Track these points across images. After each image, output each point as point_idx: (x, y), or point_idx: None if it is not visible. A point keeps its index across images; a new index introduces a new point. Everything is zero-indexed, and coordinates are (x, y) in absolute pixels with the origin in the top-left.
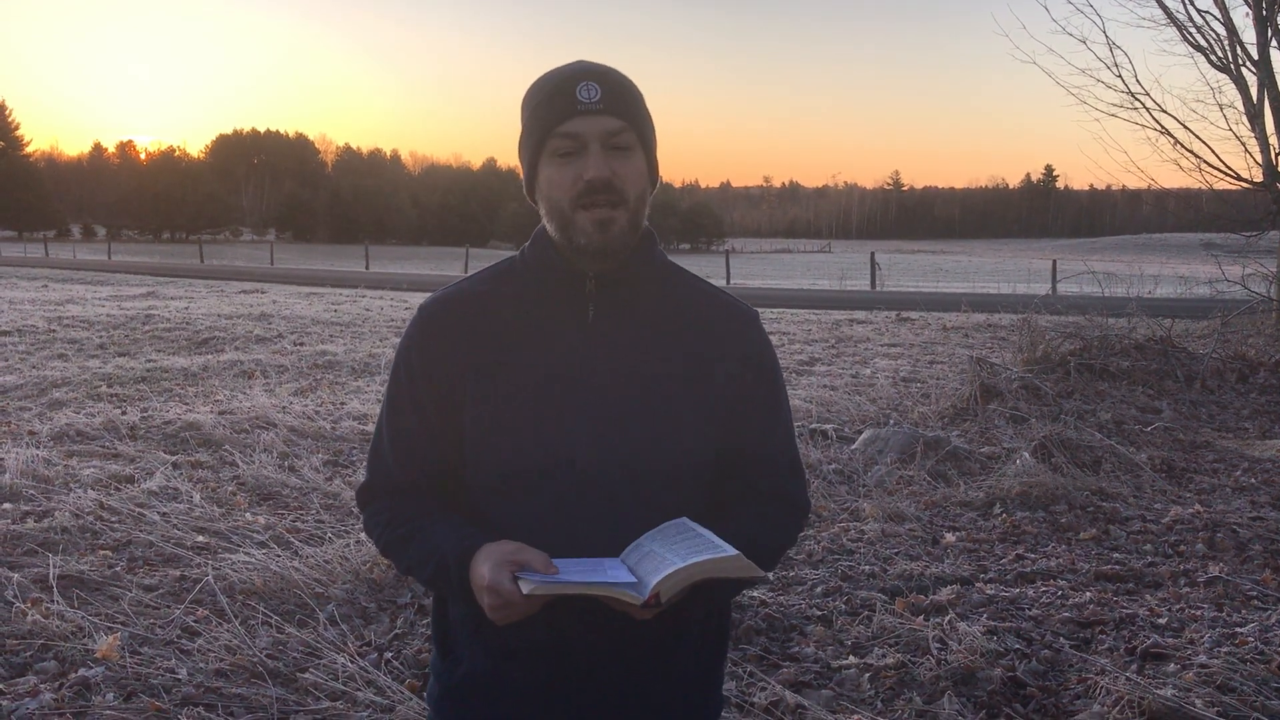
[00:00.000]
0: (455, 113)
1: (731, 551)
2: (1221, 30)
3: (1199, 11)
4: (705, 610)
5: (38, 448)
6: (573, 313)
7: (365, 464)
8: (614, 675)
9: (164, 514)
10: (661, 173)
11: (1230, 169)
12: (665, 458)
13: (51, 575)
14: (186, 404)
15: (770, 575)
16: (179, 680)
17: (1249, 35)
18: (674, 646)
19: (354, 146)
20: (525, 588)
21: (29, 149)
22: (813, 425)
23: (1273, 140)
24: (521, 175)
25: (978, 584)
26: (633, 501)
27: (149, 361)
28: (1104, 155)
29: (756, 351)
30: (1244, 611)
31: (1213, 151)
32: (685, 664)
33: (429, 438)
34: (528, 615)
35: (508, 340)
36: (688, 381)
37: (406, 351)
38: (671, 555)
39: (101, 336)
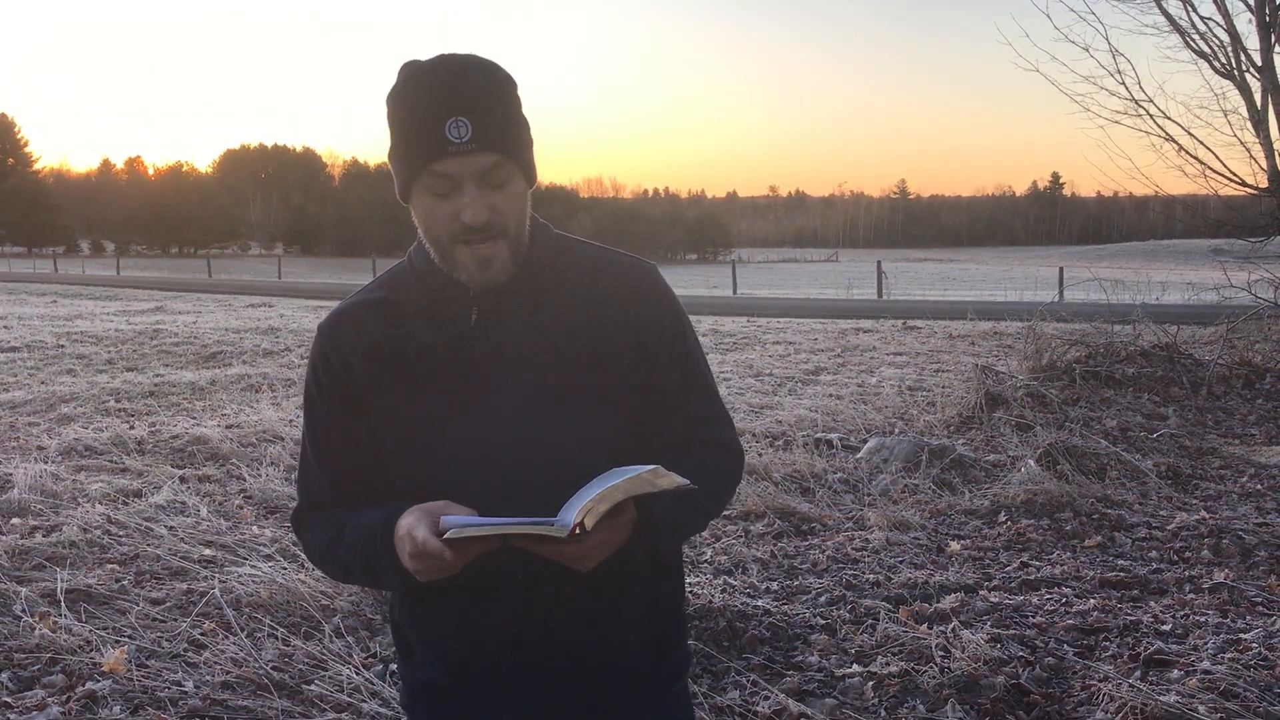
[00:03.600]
0: None
1: (649, 467)
2: (1224, 36)
3: (1202, 18)
4: (649, 556)
5: (46, 463)
6: (455, 317)
7: (295, 490)
8: (567, 664)
9: (171, 528)
10: (669, 183)
11: (1235, 175)
12: (579, 438)
13: (59, 589)
14: (194, 418)
15: (692, 484)
16: (185, 693)
17: (1252, 41)
18: (625, 623)
19: (361, 160)
20: (445, 534)
21: (38, 166)
22: (818, 434)
23: (1277, 146)
24: (395, 183)
25: (982, 592)
26: (553, 489)
27: (157, 376)
28: (1109, 162)
29: (655, 309)
30: (1249, 618)
31: (1217, 158)
32: (639, 659)
33: (351, 448)
34: (452, 569)
35: (400, 346)
36: (589, 354)
37: (312, 371)
38: (594, 487)
39: (110, 351)
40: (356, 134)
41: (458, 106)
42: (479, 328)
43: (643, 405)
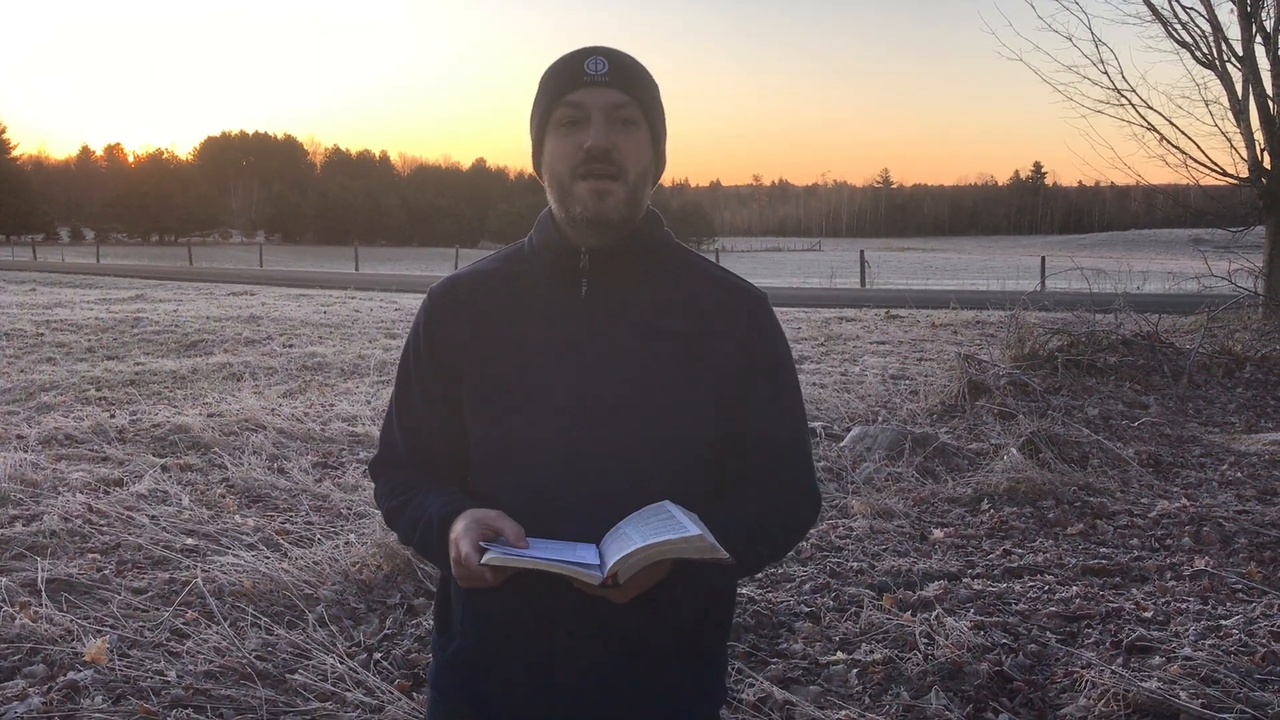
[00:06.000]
0: (445, 114)
1: (694, 531)
2: (1206, 26)
3: (1184, 8)
4: (691, 592)
5: (26, 452)
6: (567, 288)
7: (379, 439)
8: (600, 657)
9: (153, 517)
10: None
11: (1216, 165)
12: (656, 438)
13: (40, 579)
14: (175, 407)
15: (731, 559)
16: (168, 682)
17: (1234, 31)
18: (662, 629)
19: (343, 148)
20: (485, 556)
21: (16, 153)
22: None
23: (1258, 136)
24: (530, 151)
25: (965, 579)
26: (622, 482)
27: (137, 364)
28: (1091, 152)
29: (759, 333)
30: (1229, 604)
31: (1198, 147)
32: (677, 647)
33: (432, 414)
34: (488, 584)
35: (506, 317)
36: (683, 361)
37: (414, 331)
38: (636, 536)
39: (90, 340)
40: (338, 121)
41: (599, 50)
42: (589, 299)
43: (725, 426)
